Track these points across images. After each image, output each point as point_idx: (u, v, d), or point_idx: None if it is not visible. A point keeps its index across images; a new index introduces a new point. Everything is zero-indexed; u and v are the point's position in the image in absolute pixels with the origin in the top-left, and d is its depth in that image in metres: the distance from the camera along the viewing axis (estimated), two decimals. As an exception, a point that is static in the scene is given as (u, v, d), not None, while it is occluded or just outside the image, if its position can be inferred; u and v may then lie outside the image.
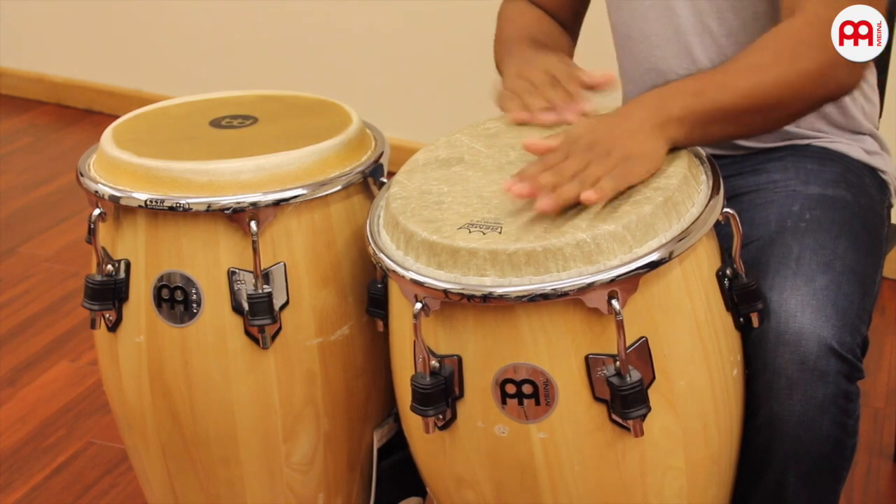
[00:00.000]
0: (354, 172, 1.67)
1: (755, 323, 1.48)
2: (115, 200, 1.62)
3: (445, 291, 1.36)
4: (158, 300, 1.64)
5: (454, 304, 1.37)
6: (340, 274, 1.67)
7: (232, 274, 1.61)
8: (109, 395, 1.78)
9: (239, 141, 1.69)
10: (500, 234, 1.37)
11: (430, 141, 1.63)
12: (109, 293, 1.65)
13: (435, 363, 1.41)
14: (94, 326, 1.69)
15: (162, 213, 1.60)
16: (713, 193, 1.46)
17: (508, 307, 1.36)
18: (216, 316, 1.63)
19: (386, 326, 1.56)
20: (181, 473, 1.73)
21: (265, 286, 1.61)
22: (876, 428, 2.35)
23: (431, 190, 1.49)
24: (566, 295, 1.34)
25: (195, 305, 1.62)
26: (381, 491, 1.81)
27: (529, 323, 1.36)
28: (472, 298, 1.35)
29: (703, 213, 1.43)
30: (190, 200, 1.58)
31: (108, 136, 1.71)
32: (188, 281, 1.62)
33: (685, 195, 1.43)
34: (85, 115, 3.94)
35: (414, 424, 1.49)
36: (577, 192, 1.38)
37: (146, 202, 1.59)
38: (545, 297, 1.34)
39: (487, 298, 1.34)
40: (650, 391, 1.38)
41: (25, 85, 4.04)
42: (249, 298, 1.61)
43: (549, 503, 1.43)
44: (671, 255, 1.37)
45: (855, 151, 1.75)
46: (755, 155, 1.74)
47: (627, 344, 1.36)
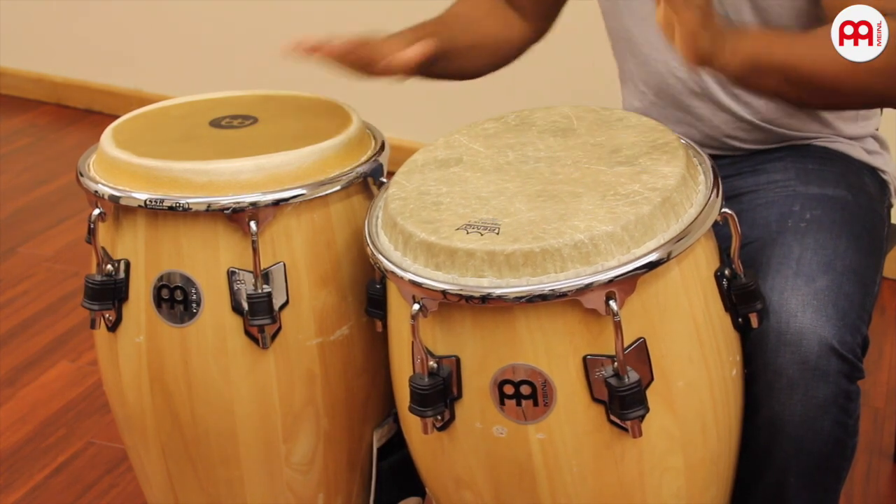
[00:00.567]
0: (354, 172, 1.67)
1: (754, 323, 1.48)
2: (114, 200, 1.62)
3: (443, 292, 1.36)
4: (158, 300, 1.64)
5: (452, 304, 1.37)
6: (340, 274, 1.67)
7: (232, 274, 1.61)
8: (109, 395, 1.78)
9: (239, 141, 1.69)
10: (497, 234, 1.36)
11: (429, 141, 1.63)
12: (109, 293, 1.65)
13: (433, 364, 1.41)
14: (93, 326, 1.69)
15: (162, 213, 1.60)
16: (712, 194, 1.45)
17: (506, 308, 1.36)
18: (216, 316, 1.63)
19: (385, 327, 1.56)
20: (181, 473, 1.73)
21: (265, 286, 1.61)
22: (876, 428, 2.35)
23: (430, 190, 1.49)
24: (564, 296, 1.34)
25: (195, 305, 1.63)
26: (380, 491, 1.81)
27: (527, 324, 1.36)
28: (470, 299, 1.35)
29: (701, 213, 1.42)
30: (190, 200, 1.58)
31: (107, 135, 1.71)
32: (188, 281, 1.62)
33: (683, 195, 1.42)
34: (85, 114, 3.94)
35: (413, 425, 1.49)
36: None
37: (146, 202, 1.59)
38: (543, 297, 1.34)
39: (486, 299, 1.34)
40: (648, 392, 1.38)
41: (25, 85, 4.03)
42: (249, 298, 1.61)
43: (547, 504, 1.44)
44: (669, 255, 1.37)
45: (855, 151, 1.75)
46: (755, 155, 1.74)
47: (625, 345, 1.36)
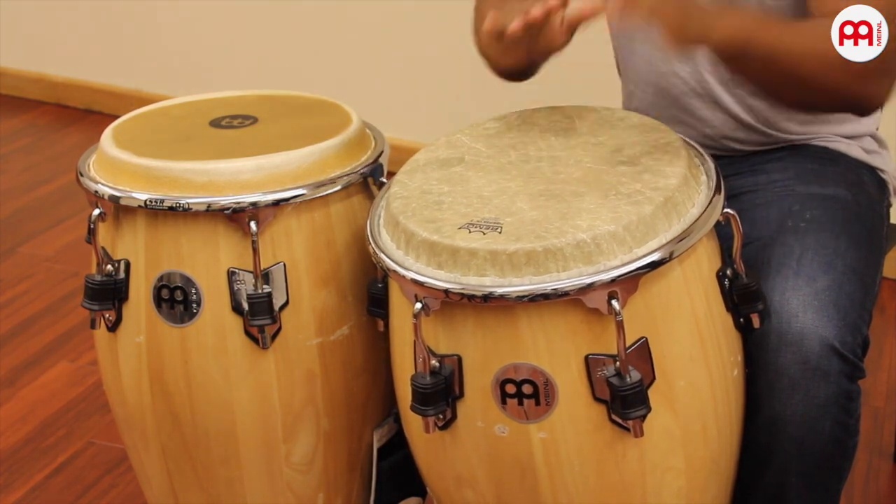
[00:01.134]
0: (354, 172, 1.67)
1: (755, 323, 1.48)
2: (114, 200, 1.62)
3: (446, 291, 1.36)
4: (158, 300, 1.64)
5: (454, 303, 1.37)
6: (340, 274, 1.67)
7: (232, 274, 1.61)
8: (109, 395, 1.78)
9: (239, 141, 1.69)
10: (500, 234, 1.37)
11: (429, 141, 1.63)
12: (109, 293, 1.65)
13: (435, 363, 1.41)
14: (93, 326, 1.69)
15: (162, 213, 1.60)
16: (714, 194, 1.46)
17: (508, 307, 1.36)
18: (216, 316, 1.63)
19: (386, 326, 1.56)
20: (181, 473, 1.73)
21: (265, 286, 1.61)
22: (876, 427, 2.35)
23: (432, 190, 1.49)
24: (566, 295, 1.34)
25: (195, 305, 1.63)
26: (380, 491, 1.81)
27: (529, 323, 1.37)
28: (472, 298, 1.35)
29: (703, 213, 1.43)
30: (190, 200, 1.58)
31: (107, 135, 1.71)
32: (188, 281, 1.62)
33: (685, 195, 1.43)
34: (85, 114, 3.94)
35: (414, 424, 1.49)
36: None
37: (146, 202, 1.59)
38: (545, 297, 1.34)
39: (488, 298, 1.35)
40: (650, 391, 1.38)
41: (25, 85, 4.03)
42: (249, 298, 1.61)
43: (548, 503, 1.44)
44: (671, 255, 1.37)
45: (854, 151, 1.75)
46: (754, 155, 1.74)
47: (627, 344, 1.36)
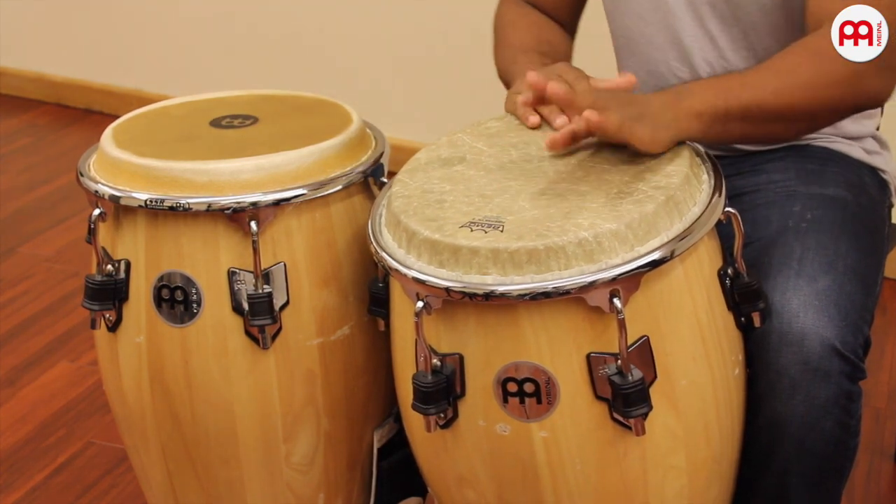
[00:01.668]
0: (355, 172, 1.67)
1: (757, 323, 1.48)
2: (115, 200, 1.62)
3: (447, 290, 1.36)
4: (158, 300, 1.64)
5: (456, 302, 1.38)
6: (341, 274, 1.68)
7: (232, 274, 1.62)
8: (109, 395, 1.78)
9: (239, 141, 1.69)
10: (501, 232, 1.37)
11: (430, 141, 1.63)
12: (109, 293, 1.65)
13: (436, 362, 1.41)
14: (94, 326, 1.69)
15: (162, 213, 1.60)
16: (715, 192, 1.46)
17: (510, 305, 1.36)
18: (216, 316, 1.63)
19: (387, 325, 1.56)
20: (181, 473, 1.73)
21: (265, 286, 1.61)
22: (877, 428, 2.35)
23: (433, 189, 1.49)
24: (568, 293, 1.34)
25: (195, 305, 1.63)
26: (381, 491, 1.81)
27: (531, 321, 1.37)
28: (474, 297, 1.35)
29: (705, 212, 1.43)
30: (190, 200, 1.59)
31: (108, 135, 1.71)
32: (188, 281, 1.62)
33: (687, 194, 1.43)
34: (85, 114, 3.94)
35: (415, 423, 1.49)
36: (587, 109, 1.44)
37: (146, 202, 1.59)
38: (547, 295, 1.34)
39: (489, 297, 1.35)
40: (652, 390, 1.38)
41: (25, 84, 4.04)
42: (250, 298, 1.61)
43: (550, 502, 1.44)
44: (673, 253, 1.38)
45: (855, 151, 1.75)
46: (755, 155, 1.74)
47: (629, 343, 1.36)
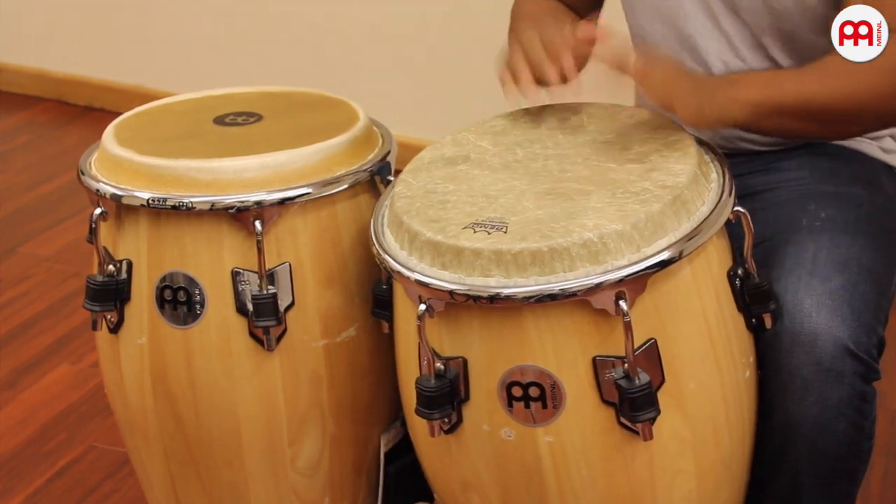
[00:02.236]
0: (361, 171, 1.68)
1: (768, 324, 1.49)
2: (116, 199, 1.63)
3: (450, 292, 1.37)
4: (161, 301, 1.65)
5: (459, 305, 1.38)
6: (347, 274, 1.68)
7: (236, 274, 1.63)
8: (111, 397, 1.79)
9: (243, 138, 1.70)
10: (505, 233, 1.37)
11: (437, 138, 1.64)
12: (111, 294, 1.66)
13: (440, 365, 1.41)
14: (95, 328, 1.70)
15: (164, 212, 1.61)
16: (724, 191, 1.46)
17: (514, 308, 1.36)
18: (220, 317, 1.64)
19: (391, 328, 1.57)
20: (184, 477, 1.74)
21: (270, 287, 1.62)
22: (892, 430, 2.34)
23: (436, 189, 1.49)
24: (573, 296, 1.34)
25: (198, 306, 1.64)
26: (388, 496, 1.81)
27: (536, 324, 1.37)
28: (477, 299, 1.36)
29: (713, 211, 1.43)
30: (193, 199, 1.59)
31: (109, 133, 1.72)
32: (191, 281, 1.64)
33: (695, 193, 1.43)
34: (86, 111, 3.93)
35: (419, 428, 1.50)
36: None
37: (148, 201, 1.60)
38: (553, 297, 1.34)
39: (494, 299, 1.35)
40: (659, 394, 1.39)
41: (24, 81, 4.03)
42: (254, 299, 1.62)
43: (556, 507, 1.45)
44: (681, 254, 1.38)
45: (872, 149, 1.75)
46: (768, 153, 1.75)
47: (636, 346, 1.37)
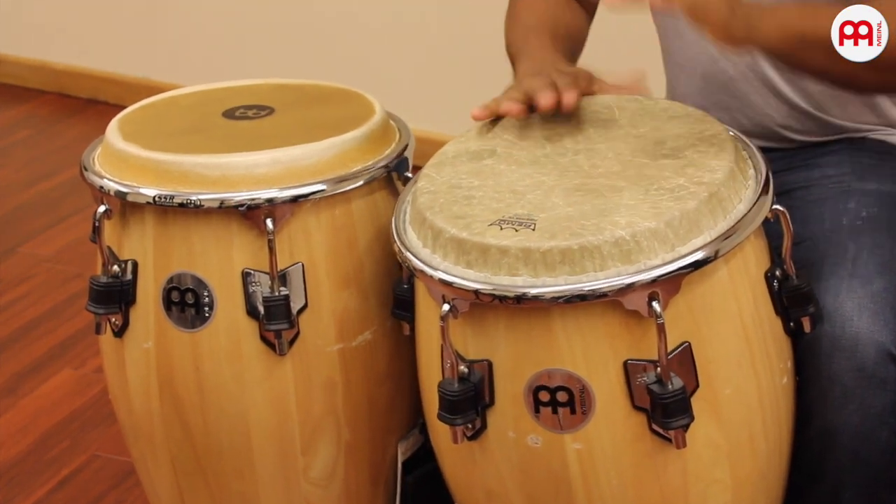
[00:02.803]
0: (377, 167, 1.68)
1: (807, 328, 1.48)
2: (121, 196, 1.63)
3: (475, 292, 1.36)
4: (168, 303, 1.65)
5: (485, 305, 1.38)
6: (362, 275, 1.68)
7: (246, 275, 1.62)
8: (116, 404, 1.79)
9: (254, 133, 1.70)
10: (533, 230, 1.37)
11: (457, 133, 1.63)
12: (115, 296, 1.66)
13: (464, 368, 1.41)
14: (99, 331, 1.70)
15: (172, 210, 1.61)
16: (762, 189, 1.46)
17: (542, 309, 1.36)
18: (230, 320, 1.64)
19: (412, 330, 1.57)
20: (192, 487, 1.75)
21: (282, 288, 1.62)
22: (938, 441, 2.34)
23: (461, 184, 1.49)
24: (604, 296, 1.34)
25: (207, 309, 1.64)
26: (405, 507, 1.82)
27: (564, 326, 1.37)
28: (504, 300, 1.35)
29: (751, 209, 1.43)
30: (202, 196, 1.59)
31: (113, 127, 1.72)
32: (200, 283, 1.63)
33: (732, 190, 1.43)
34: (89, 104, 3.95)
35: (441, 434, 1.50)
36: None
37: (155, 198, 1.60)
38: (582, 298, 1.34)
39: (521, 300, 1.35)
40: (693, 399, 1.38)
41: (25, 73, 4.05)
42: (265, 301, 1.62)
43: (585, 519, 1.44)
44: (716, 254, 1.38)
45: (915, 146, 1.75)
46: (807, 148, 1.74)
47: (669, 349, 1.36)
